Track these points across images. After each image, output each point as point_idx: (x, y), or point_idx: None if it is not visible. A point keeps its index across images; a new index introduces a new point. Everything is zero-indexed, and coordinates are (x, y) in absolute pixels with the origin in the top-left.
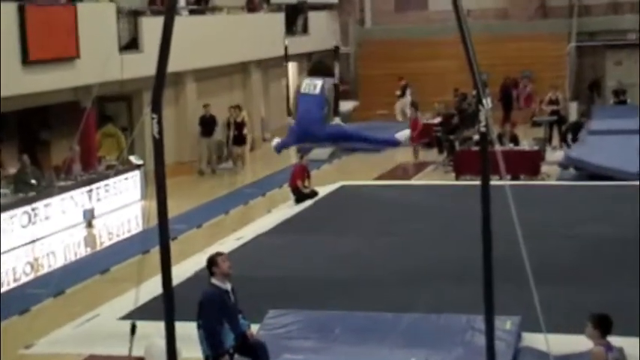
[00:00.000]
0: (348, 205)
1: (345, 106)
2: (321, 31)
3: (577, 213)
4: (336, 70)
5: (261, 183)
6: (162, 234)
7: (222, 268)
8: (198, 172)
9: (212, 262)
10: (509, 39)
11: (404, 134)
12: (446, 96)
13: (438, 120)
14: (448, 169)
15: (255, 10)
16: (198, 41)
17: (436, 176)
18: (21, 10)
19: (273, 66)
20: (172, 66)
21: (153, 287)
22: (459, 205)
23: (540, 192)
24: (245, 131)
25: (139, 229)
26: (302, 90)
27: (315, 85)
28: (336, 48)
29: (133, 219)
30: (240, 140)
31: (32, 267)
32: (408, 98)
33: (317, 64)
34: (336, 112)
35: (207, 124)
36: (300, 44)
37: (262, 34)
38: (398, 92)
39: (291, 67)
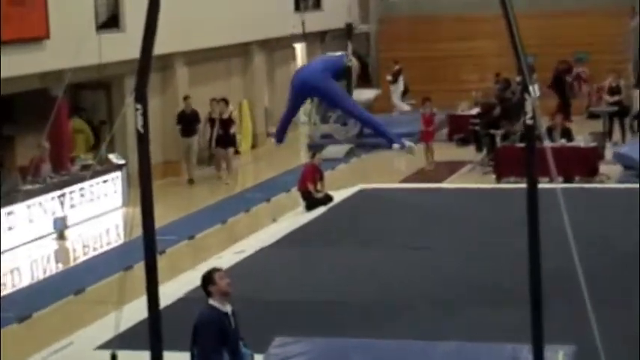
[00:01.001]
0: (369, 212)
1: (364, 95)
2: (337, 5)
3: None
4: (349, 51)
5: (265, 186)
6: (147, 247)
7: (221, 287)
8: (188, 181)
9: (208, 279)
10: (560, 15)
11: (410, 147)
12: (485, 83)
13: (475, 111)
14: (488, 170)
15: None
16: (191, 18)
17: (473, 178)
18: None
19: (280, 47)
20: (159, 47)
21: (136, 310)
22: (500, 213)
23: (598, 196)
24: (233, 130)
25: (120, 241)
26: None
27: (330, 54)
28: (349, 26)
29: (113, 229)
30: (225, 141)
31: None
32: (400, 86)
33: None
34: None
35: (188, 122)
36: (312, 21)
37: (266, 10)
38: (389, 77)
39: (301, 48)
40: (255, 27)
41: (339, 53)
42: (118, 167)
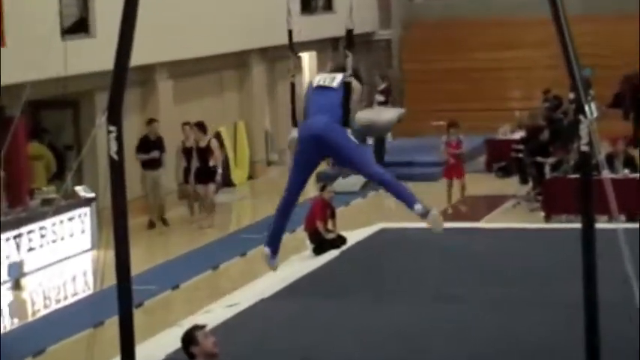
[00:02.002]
0: (390, 257)
1: (385, 115)
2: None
3: None
4: (348, 62)
5: (264, 225)
6: (122, 298)
7: (205, 347)
8: (148, 224)
9: (189, 339)
10: (624, 18)
11: (434, 218)
12: (531, 101)
13: (519, 135)
14: (534, 206)
15: None
16: (175, 22)
17: (517, 216)
18: None
19: (283, 57)
20: (138, 57)
21: None
22: (549, 258)
23: None
24: (212, 162)
25: (89, 291)
26: (315, 82)
27: (333, 77)
28: (349, 32)
29: (81, 277)
30: (203, 176)
31: None
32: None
33: (338, 68)
34: (346, 122)
35: (151, 151)
36: (322, 26)
37: (267, 12)
38: (380, 98)
39: (308, 58)
40: (253, 33)
41: (338, 77)
42: (87, 202)
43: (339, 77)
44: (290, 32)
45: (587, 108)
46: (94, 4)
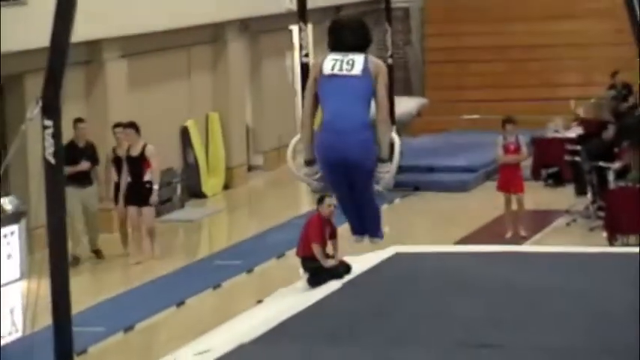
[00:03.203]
0: (407, 290)
1: (404, 105)
2: None
3: None
4: (388, 40)
5: (244, 249)
6: (60, 343)
7: None
8: (72, 260)
9: None
10: None
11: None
12: (591, 88)
13: (576, 133)
14: (595, 224)
15: None
16: None
17: (572, 237)
18: None
19: (269, 30)
20: (82, 30)
21: None
22: (613, 291)
23: None
24: (148, 177)
25: (18, 333)
26: (326, 71)
27: (351, 61)
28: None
29: (7, 315)
30: (138, 194)
31: None
32: None
33: (342, 23)
34: (392, 117)
35: (79, 161)
36: None
37: None
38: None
39: (304, 32)
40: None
41: (359, 57)
42: (14, 218)
43: (358, 60)
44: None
45: None
46: None
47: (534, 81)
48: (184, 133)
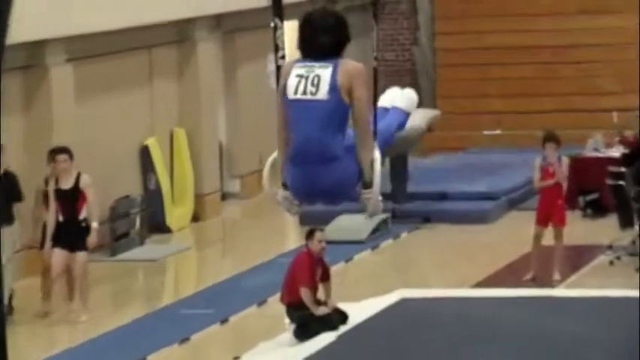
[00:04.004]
0: (415, 343)
1: (411, 118)
2: None
3: None
4: (374, 40)
5: (217, 294)
6: None
7: None
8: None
9: None
10: None
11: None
12: (635, 98)
13: (619, 151)
14: None
15: None
16: None
17: (615, 277)
18: None
19: (247, 29)
20: (22, 31)
21: None
22: None
23: None
24: (83, 214)
25: None
26: (290, 94)
27: (316, 78)
28: None
29: None
30: (71, 236)
31: None
32: None
33: (312, 20)
34: (375, 132)
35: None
36: None
37: None
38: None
39: (286, 29)
40: None
41: (325, 70)
42: None
43: (325, 76)
44: None
45: None
46: None
47: (568, 88)
48: (145, 154)
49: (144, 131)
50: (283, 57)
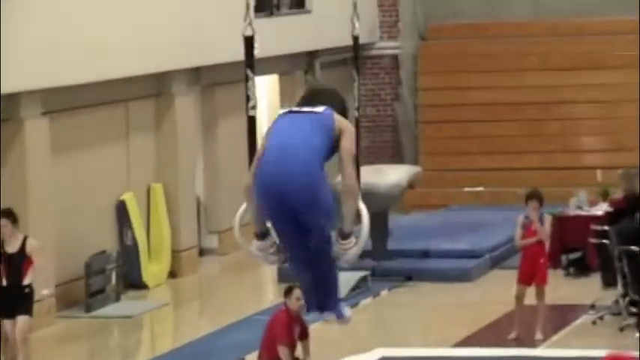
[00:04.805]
0: None
1: (391, 176)
2: (334, 5)
3: None
4: (355, 92)
5: (194, 351)
6: None
7: None
8: None
9: None
10: None
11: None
12: (622, 153)
13: (603, 209)
14: (627, 323)
15: None
16: (56, 29)
17: (599, 338)
18: None
19: (225, 82)
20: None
21: None
22: None
23: None
24: (28, 279)
25: None
26: (282, 111)
27: (311, 110)
28: (355, 39)
29: None
30: (15, 301)
31: None
32: None
33: (316, 89)
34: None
35: None
36: (289, 34)
37: (201, 13)
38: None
39: (267, 84)
40: (178, 45)
41: (320, 109)
42: None
43: (321, 108)
44: (249, 39)
45: None
46: None
47: (552, 146)
48: (121, 209)
49: (120, 186)
50: (254, 107)
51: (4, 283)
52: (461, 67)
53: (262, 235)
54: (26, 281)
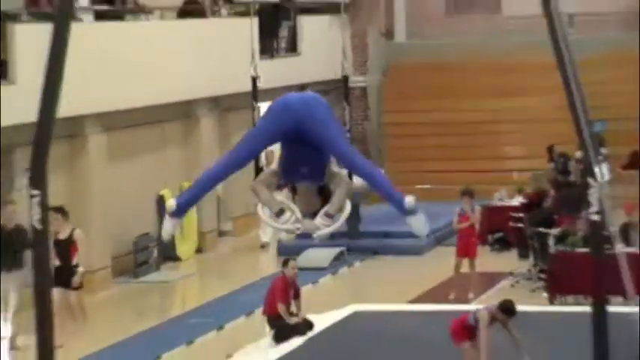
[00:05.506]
0: (366, 346)
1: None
2: (320, 48)
3: None
4: (347, 116)
5: (215, 308)
6: None
7: None
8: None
9: None
10: None
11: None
12: (533, 160)
13: (519, 201)
14: (537, 286)
15: (203, 13)
16: (111, 65)
17: (515, 297)
18: None
19: (237, 107)
20: (66, 107)
21: None
22: (554, 347)
23: None
24: (75, 260)
25: None
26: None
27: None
28: (345, 78)
29: None
30: (61, 278)
31: None
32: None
33: None
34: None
35: (8, 246)
36: (285, 71)
37: (221, 54)
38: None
39: (256, 110)
40: (202, 78)
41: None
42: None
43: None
44: (254, 79)
45: (597, 169)
46: (14, 45)
47: (481, 154)
48: (160, 201)
49: (159, 184)
50: None
51: (57, 263)
52: (414, 95)
53: (280, 213)
54: (73, 262)
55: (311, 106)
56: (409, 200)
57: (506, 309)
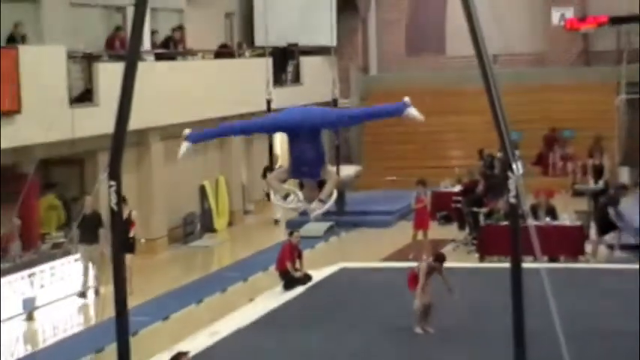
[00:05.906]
0: (350, 292)
1: (344, 171)
2: (316, 79)
3: (632, 304)
4: (338, 131)
5: (241, 265)
6: (120, 328)
7: None
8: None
9: None
10: (546, 90)
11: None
12: (469, 159)
13: (458, 188)
14: (471, 249)
15: (232, 54)
16: (167, 92)
17: (456, 257)
18: None
19: None
20: (134, 122)
21: None
22: (484, 294)
23: (585, 277)
24: (132, 234)
25: (91, 322)
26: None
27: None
28: (335, 101)
29: (84, 310)
30: (125, 246)
31: None
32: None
33: None
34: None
35: (88, 226)
36: (291, 95)
37: (245, 84)
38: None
39: None
40: (232, 101)
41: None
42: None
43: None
44: (269, 102)
45: (514, 166)
46: (97, 78)
47: (433, 155)
48: (202, 190)
49: (201, 178)
50: (272, 137)
51: None
52: None
53: (286, 196)
54: (131, 234)
55: (310, 107)
56: (407, 99)
57: (438, 257)
